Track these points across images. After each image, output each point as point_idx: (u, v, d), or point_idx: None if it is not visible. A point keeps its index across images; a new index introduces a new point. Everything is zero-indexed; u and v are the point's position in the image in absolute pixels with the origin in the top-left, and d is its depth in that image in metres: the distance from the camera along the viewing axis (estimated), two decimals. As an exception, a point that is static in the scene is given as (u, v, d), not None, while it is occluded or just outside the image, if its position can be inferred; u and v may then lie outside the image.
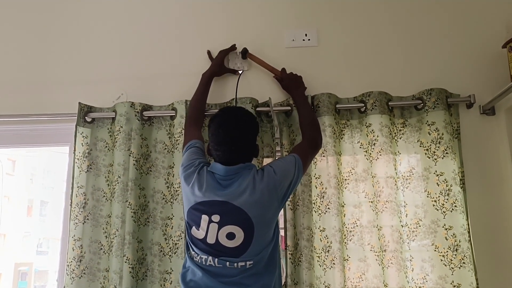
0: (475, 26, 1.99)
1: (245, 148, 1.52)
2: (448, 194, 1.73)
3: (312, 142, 1.71)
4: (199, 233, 1.46)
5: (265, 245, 1.46)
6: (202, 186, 1.46)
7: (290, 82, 1.90)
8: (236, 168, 1.48)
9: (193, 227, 1.47)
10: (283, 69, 1.94)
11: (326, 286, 1.71)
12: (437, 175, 1.75)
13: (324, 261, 1.73)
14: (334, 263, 1.71)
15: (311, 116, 1.79)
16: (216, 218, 1.43)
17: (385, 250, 1.74)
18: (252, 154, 1.56)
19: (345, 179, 1.82)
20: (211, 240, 1.43)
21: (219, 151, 1.50)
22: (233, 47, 1.97)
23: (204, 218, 1.44)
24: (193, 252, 1.48)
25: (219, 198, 1.44)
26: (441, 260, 1.70)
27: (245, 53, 1.96)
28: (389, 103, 1.86)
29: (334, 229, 1.72)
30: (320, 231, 1.75)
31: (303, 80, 1.91)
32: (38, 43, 2.14)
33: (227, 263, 1.42)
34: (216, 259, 1.43)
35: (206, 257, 1.44)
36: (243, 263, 1.42)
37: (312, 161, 1.77)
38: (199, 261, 1.45)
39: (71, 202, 1.84)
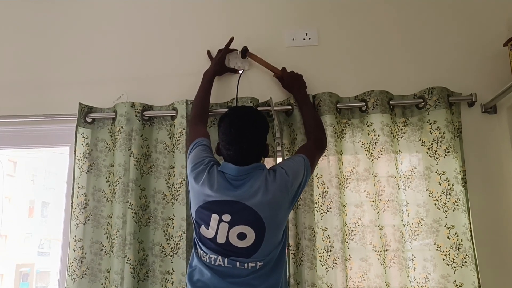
0: (476, 25, 1.99)
1: (256, 147, 1.51)
2: (449, 193, 1.72)
3: (318, 143, 1.71)
4: (208, 232, 1.45)
5: (275, 246, 1.46)
6: (213, 186, 1.45)
7: (292, 81, 1.89)
8: (248, 169, 1.47)
9: (202, 226, 1.46)
10: (284, 68, 1.93)
11: (328, 286, 1.70)
12: (439, 174, 1.75)
13: (326, 260, 1.72)
14: (336, 263, 1.70)
15: (315, 116, 1.79)
16: (226, 217, 1.42)
17: (387, 250, 1.73)
18: (262, 154, 1.55)
19: (347, 179, 1.82)
20: (221, 239, 1.42)
21: (230, 150, 1.48)
22: (231, 40, 1.94)
23: (214, 217, 1.43)
24: (201, 251, 1.47)
25: (231, 198, 1.42)
26: (443, 259, 1.69)
27: (245, 52, 1.96)
28: (390, 102, 1.85)
29: (336, 229, 1.72)
30: (322, 230, 1.75)
31: (304, 79, 1.91)
32: (38, 43, 2.13)
33: (237, 263, 1.42)
34: (226, 259, 1.42)
35: (215, 256, 1.43)
36: (254, 264, 1.42)
37: (314, 161, 1.76)
38: (207, 261, 1.45)
39: (72, 203, 1.84)
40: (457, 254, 1.67)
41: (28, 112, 2.00)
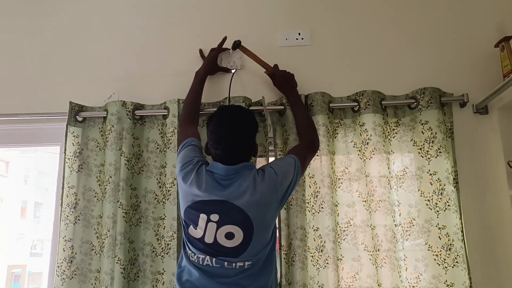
0: (468, 26, 2.00)
1: (245, 147, 1.50)
2: (441, 194, 1.72)
3: (310, 144, 1.70)
4: (196, 232, 1.44)
5: (263, 246, 1.46)
6: (201, 186, 1.44)
7: (284, 81, 1.88)
8: (236, 168, 1.46)
9: (190, 226, 1.46)
10: (276, 66, 1.91)
11: (319, 286, 1.70)
12: (431, 174, 1.75)
13: (317, 260, 1.72)
14: (327, 263, 1.70)
15: (307, 117, 1.79)
16: (215, 217, 1.41)
17: (378, 250, 1.73)
18: (251, 153, 1.54)
19: (339, 179, 1.81)
20: (209, 239, 1.42)
21: (219, 149, 1.48)
22: (224, 40, 1.93)
23: (202, 217, 1.42)
24: (189, 252, 1.46)
25: (219, 197, 1.42)
26: (435, 259, 1.69)
27: (237, 46, 1.91)
28: (383, 102, 1.85)
29: (328, 229, 1.72)
30: (314, 230, 1.74)
31: (296, 78, 1.90)
32: (29, 42, 2.12)
33: (225, 263, 1.41)
34: (214, 259, 1.41)
35: (203, 256, 1.43)
36: (242, 263, 1.41)
37: (306, 160, 1.76)
38: (196, 261, 1.44)
39: (62, 202, 1.82)
40: (449, 254, 1.68)
41: (18, 110, 1.98)
